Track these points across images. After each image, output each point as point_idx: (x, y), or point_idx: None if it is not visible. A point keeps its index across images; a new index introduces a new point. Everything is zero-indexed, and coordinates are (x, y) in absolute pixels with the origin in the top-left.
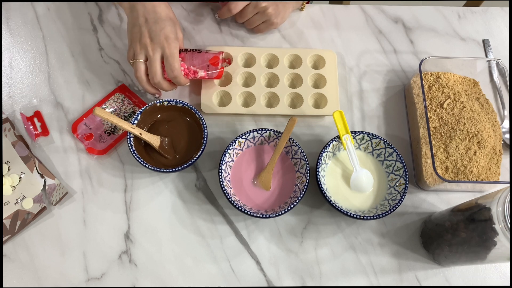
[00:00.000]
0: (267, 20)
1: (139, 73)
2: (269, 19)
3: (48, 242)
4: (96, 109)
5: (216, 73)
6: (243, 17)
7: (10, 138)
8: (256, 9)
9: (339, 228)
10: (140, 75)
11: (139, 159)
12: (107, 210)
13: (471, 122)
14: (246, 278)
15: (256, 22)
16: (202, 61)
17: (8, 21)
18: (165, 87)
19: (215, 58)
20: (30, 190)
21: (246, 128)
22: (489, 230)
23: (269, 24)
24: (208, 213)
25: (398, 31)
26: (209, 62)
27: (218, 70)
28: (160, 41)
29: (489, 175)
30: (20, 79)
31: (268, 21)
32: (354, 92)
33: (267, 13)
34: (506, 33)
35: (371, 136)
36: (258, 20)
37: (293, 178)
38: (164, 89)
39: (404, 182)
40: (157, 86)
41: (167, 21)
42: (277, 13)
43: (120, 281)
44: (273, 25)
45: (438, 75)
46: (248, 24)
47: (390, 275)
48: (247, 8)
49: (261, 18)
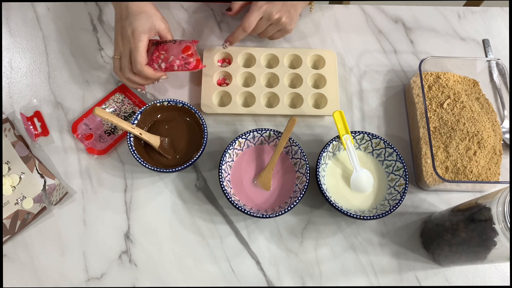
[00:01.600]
0: (282, 28)
1: (114, 69)
2: (284, 27)
3: (48, 242)
4: (96, 109)
5: (191, 64)
6: (256, 31)
7: (10, 138)
8: (269, 22)
9: (339, 228)
10: (115, 71)
11: (139, 159)
12: (107, 210)
13: (471, 122)
14: (246, 278)
15: (270, 33)
16: (178, 52)
17: (8, 21)
18: (138, 81)
19: (187, 48)
20: (30, 190)
21: (246, 128)
22: (489, 230)
23: (283, 32)
24: (208, 213)
25: (398, 31)
26: (183, 53)
27: (193, 60)
28: (127, 36)
29: (489, 175)
30: (20, 79)
31: (283, 29)
32: (354, 92)
33: (281, 22)
34: (506, 33)
35: (371, 136)
36: (272, 31)
37: (293, 178)
38: (138, 83)
39: (404, 182)
40: (129, 80)
41: (138, 15)
42: (291, 20)
43: (120, 281)
44: (288, 31)
45: (438, 75)
46: (262, 35)
47: (390, 275)
48: (260, 22)
49: (275, 28)
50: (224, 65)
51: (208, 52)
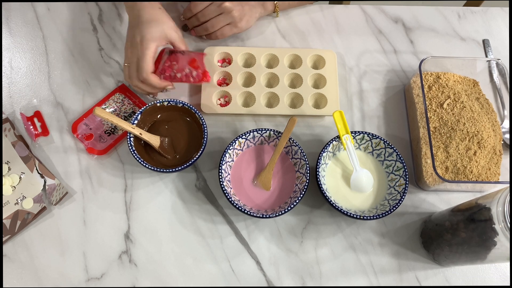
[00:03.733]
0: (231, 22)
1: (124, 77)
2: (233, 21)
3: (48, 242)
4: (96, 109)
5: (196, 77)
6: (205, 16)
7: (10, 138)
8: (219, 9)
9: (339, 228)
10: (125, 78)
11: (139, 159)
12: (107, 210)
13: (471, 122)
14: (246, 278)
15: (219, 23)
16: (185, 64)
17: (8, 21)
18: (146, 89)
19: (193, 61)
20: (30, 190)
21: (246, 128)
22: (489, 230)
23: (233, 27)
24: (208, 213)
25: (398, 31)
26: (189, 65)
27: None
28: (136, 44)
29: (489, 175)
30: (20, 79)
31: (232, 23)
32: (354, 92)
33: (231, 15)
34: (506, 33)
35: (371, 136)
36: (222, 21)
37: (293, 178)
38: (146, 90)
39: (404, 182)
40: (137, 88)
41: (148, 23)
42: (242, 16)
43: (120, 281)
44: (237, 28)
45: (438, 75)
46: (211, 25)
47: (390, 275)
48: (210, 6)
49: (225, 19)
50: (224, 65)
51: (208, 52)
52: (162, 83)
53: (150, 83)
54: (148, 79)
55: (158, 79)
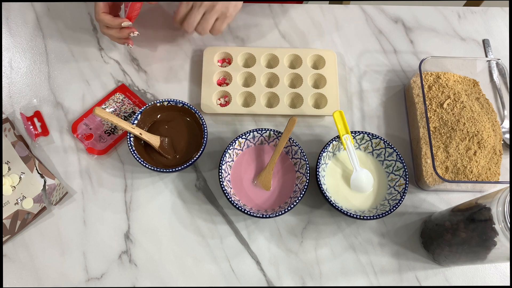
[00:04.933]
0: (220, 15)
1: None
2: (221, 12)
3: (48, 242)
4: (96, 109)
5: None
6: (192, 22)
7: (10, 138)
8: (202, 9)
9: (339, 228)
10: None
11: (139, 159)
12: (107, 210)
13: (471, 122)
14: (246, 278)
15: (208, 22)
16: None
17: (8, 21)
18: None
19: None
20: (30, 190)
21: (246, 128)
22: (489, 230)
23: (224, 17)
24: (208, 213)
25: (398, 31)
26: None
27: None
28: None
29: (489, 175)
30: (20, 79)
31: (221, 15)
32: (354, 92)
33: (215, 9)
34: (506, 33)
35: (371, 136)
36: (210, 19)
37: (293, 178)
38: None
39: (404, 182)
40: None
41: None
42: (227, 4)
43: (120, 281)
44: (228, 17)
45: (438, 75)
46: (202, 28)
47: (390, 275)
48: (192, 12)
49: (211, 16)
50: (224, 65)
51: (208, 52)
52: (115, 20)
53: (104, 22)
54: (101, 19)
55: (110, 17)
